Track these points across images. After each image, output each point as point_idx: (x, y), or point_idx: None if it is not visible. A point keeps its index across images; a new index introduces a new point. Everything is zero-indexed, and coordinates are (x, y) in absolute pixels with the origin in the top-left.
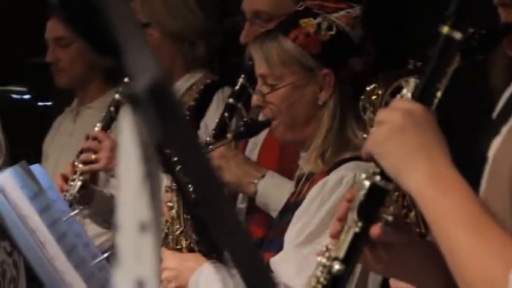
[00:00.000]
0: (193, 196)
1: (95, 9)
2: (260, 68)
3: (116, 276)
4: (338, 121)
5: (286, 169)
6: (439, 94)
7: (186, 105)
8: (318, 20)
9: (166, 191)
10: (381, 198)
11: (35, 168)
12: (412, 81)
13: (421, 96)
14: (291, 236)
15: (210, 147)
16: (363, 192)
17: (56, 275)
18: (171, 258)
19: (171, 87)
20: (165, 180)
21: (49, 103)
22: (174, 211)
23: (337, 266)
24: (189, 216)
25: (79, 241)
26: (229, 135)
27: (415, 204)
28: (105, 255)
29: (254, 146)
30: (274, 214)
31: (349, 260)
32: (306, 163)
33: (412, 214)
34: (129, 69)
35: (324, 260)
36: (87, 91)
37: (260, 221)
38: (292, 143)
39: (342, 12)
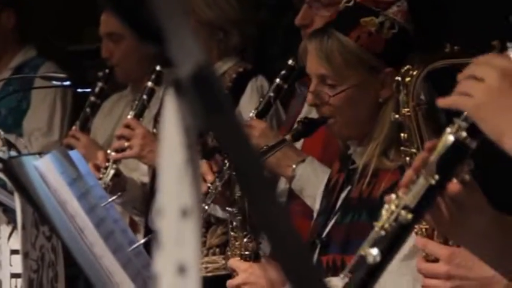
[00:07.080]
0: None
1: None
2: (319, 68)
3: (158, 261)
4: None
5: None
6: None
7: None
8: (380, 18)
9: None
10: (462, 155)
11: (73, 154)
12: None
13: None
14: None
15: (269, 153)
16: (445, 146)
17: (94, 261)
18: (249, 272)
19: (215, 74)
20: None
21: (88, 90)
22: (238, 218)
23: (405, 215)
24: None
25: (116, 227)
26: (288, 137)
27: None
28: (142, 241)
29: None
30: (308, 200)
31: (418, 210)
32: (366, 158)
33: None
34: (173, 55)
35: (392, 207)
36: (143, 82)
37: (300, 205)
38: (348, 138)
39: (394, 8)
